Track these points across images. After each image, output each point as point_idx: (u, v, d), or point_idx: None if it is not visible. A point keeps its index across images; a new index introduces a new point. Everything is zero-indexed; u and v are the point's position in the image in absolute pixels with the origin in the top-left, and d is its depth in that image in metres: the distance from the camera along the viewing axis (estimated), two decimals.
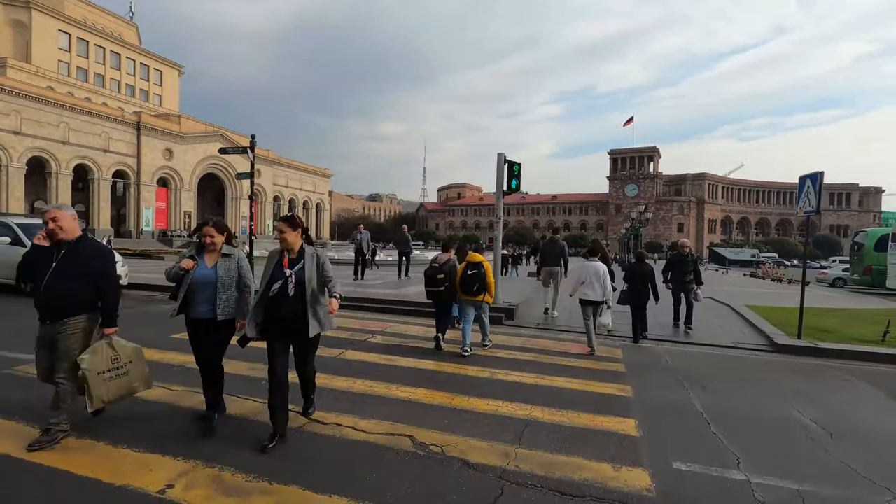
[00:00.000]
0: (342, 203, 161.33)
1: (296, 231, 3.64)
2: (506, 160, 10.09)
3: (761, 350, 8.05)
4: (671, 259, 9.93)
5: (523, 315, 10.29)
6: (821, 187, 8.07)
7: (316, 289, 3.61)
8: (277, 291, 3.50)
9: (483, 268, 6.68)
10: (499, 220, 10.46)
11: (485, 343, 7.07)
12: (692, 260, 9.59)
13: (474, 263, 6.71)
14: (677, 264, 9.57)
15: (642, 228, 35.57)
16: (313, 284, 3.58)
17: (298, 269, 3.57)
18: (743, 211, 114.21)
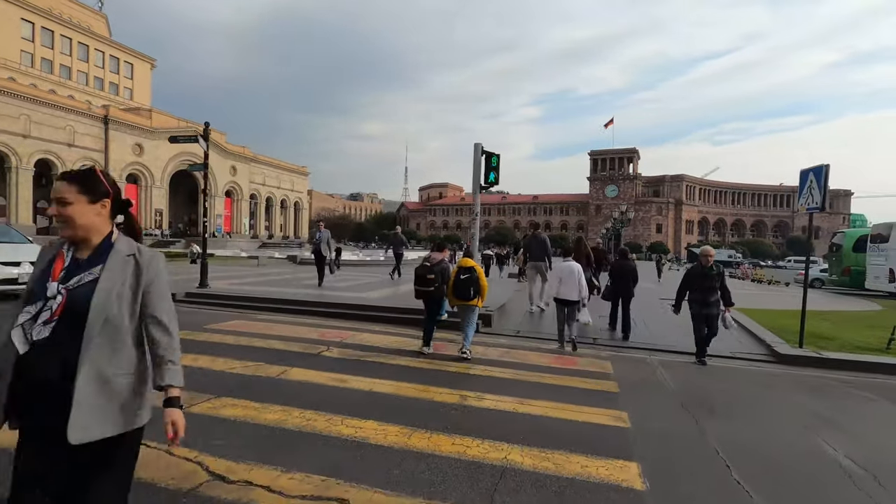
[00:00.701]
0: (322, 202, 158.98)
1: (95, 202, 1.72)
2: (483, 151, 9.19)
3: (762, 360, 7.31)
4: (691, 273, 7.24)
5: (502, 321, 9.40)
6: (826, 181, 7.36)
7: (121, 332, 1.68)
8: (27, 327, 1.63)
9: (476, 272, 6.64)
10: (476, 216, 9.55)
11: (463, 352, 6.54)
12: (718, 273, 7.04)
13: (467, 268, 6.65)
14: (700, 279, 7.04)
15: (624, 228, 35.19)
16: (115, 321, 1.66)
17: (81, 282, 1.66)
18: (719, 212, 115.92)
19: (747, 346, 8.01)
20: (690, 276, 7.23)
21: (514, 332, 8.66)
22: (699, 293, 7.01)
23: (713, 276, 7.00)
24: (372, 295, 11.47)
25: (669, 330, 9.19)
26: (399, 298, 11.13)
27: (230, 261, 32.32)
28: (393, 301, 10.57)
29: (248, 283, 13.92)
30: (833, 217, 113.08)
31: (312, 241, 13.59)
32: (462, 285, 6.55)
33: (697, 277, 7.10)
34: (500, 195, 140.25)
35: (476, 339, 7.71)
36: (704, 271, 7.04)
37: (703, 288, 7.00)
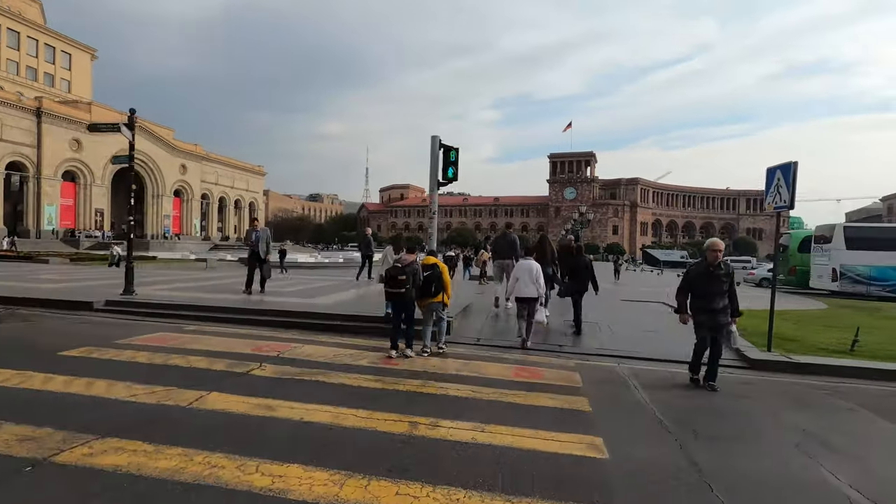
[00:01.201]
0: (279, 203, 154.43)
1: None
2: (441, 145, 8.51)
3: (734, 366, 6.95)
4: (693, 273, 5.81)
5: (462, 328, 8.73)
6: (794, 179, 7.10)
7: None
8: None
9: (438, 268, 6.78)
10: (433, 214, 8.85)
11: (440, 346, 6.96)
12: (727, 273, 5.61)
13: (429, 265, 6.79)
14: (704, 280, 5.64)
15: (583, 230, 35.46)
16: None
17: None
18: (671, 214, 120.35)
19: None
20: (692, 277, 5.76)
21: (474, 339, 8.00)
22: (703, 298, 5.62)
23: (721, 277, 5.55)
24: (322, 301, 10.55)
25: (636, 334, 8.79)
26: (353, 304, 10.27)
27: (175, 264, 30.28)
28: (346, 307, 9.71)
29: (186, 288, 12.66)
30: (773, 219, 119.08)
31: (247, 242, 11.73)
32: (425, 282, 6.64)
33: (701, 278, 5.66)
34: (462, 197, 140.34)
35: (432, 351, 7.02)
36: (710, 271, 5.60)
37: (708, 292, 5.58)
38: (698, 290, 5.69)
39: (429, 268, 6.73)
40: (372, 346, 7.12)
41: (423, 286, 6.61)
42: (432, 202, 8.78)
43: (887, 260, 22.30)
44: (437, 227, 8.85)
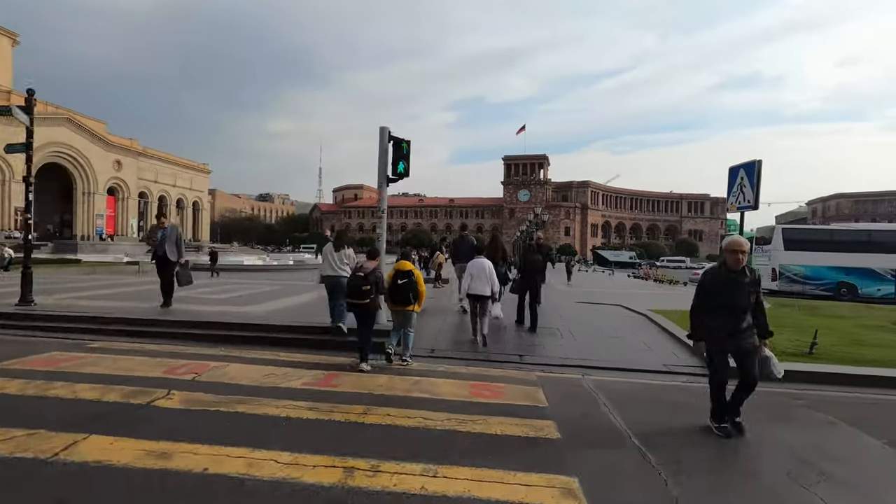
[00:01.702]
0: (227, 203, 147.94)
1: None
2: (391, 137, 7.74)
3: (702, 375, 6.58)
4: (710, 281, 4.30)
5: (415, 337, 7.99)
6: (759, 178, 6.86)
7: None
8: None
9: (414, 275, 6.40)
10: (382, 213, 8.05)
11: (403, 359, 6.49)
12: (753, 281, 4.22)
13: (404, 272, 6.39)
14: (724, 290, 4.18)
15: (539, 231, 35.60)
16: None
17: None
18: (620, 217, 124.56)
19: (681, 358, 7.32)
20: (708, 286, 4.29)
21: (427, 350, 7.27)
22: (723, 315, 4.16)
23: (745, 287, 4.13)
24: (259, 309, 9.50)
25: (598, 340, 8.33)
26: (295, 312, 9.30)
27: (103, 268, 27.73)
28: (285, 316, 8.74)
29: (105, 296, 11.20)
30: (713, 221, 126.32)
31: (150, 242, 10.06)
32: (400, 291, 6.31)
33: (721, 289, 4.17)
34: (417, 198, 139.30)
35: (379, 366, 6.24)
36: (732, 278, 4.14)
37: (730, 307, 4.14)
38: (716, 304, 4.19)
39: (404, 275, 6.35)
40: (311, 363, 6.25)
41: (398, 294, 6.33)
42: (381, 200, 7.97)
43: (821, 260, 23.46)
44: (386, 226, 8.04)
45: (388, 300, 6.45)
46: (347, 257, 7.54)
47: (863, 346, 8.65)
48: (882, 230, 24.58)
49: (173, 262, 9.10)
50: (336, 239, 7.80)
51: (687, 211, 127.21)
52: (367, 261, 6.48)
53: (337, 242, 7.68)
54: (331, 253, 7.56)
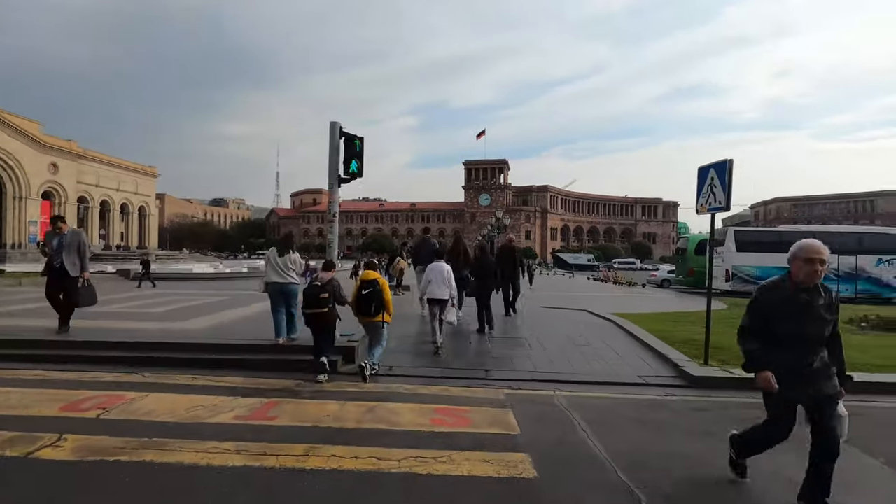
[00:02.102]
0: (178, 208, 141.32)
1: None
2: (343, 132, 7.03)
3: (675, 385, 6.22)
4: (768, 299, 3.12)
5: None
6: (730, 178, 6.58)
7: None
8: None
9: (379, 285, 6.29)
10: (334, 217, 7.32)
11: (373, 366, 6.17)
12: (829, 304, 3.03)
13: (369, 281, 6.28)
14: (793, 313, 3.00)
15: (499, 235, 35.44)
16: None
17: None
18: (578, 220, 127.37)
19: (654, 367, 6.95)
20: (767, 308, 3.12)
21: (386, 367, 6.58)
22: (790, 347, 3.02)
23: (821, 311, 3.00)
24: (196, 324, 8.52)
25: (568, 349, 7.84)
26: (238, 327, 8.38)
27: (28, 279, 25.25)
28: (226, 332, 7.83)
29: (19, 313, 9.86)
30: (665, 224, 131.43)
31: (44, 252, 7.81)
32: (364, 301, 6.20)
33: (787, 311, 3.02)
34: (378, 202, 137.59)
35: (331, 389, 5.52)
36: (803, 298, 3.01)
37: (797, 337, 3.02)
38: (780, 331, 3.04)
39: (369, 284, 6.23)
40: (250, 388, 5.44)
41: (362, 304, 6.22)
42: (332, 202, 7.23)
43: (770, 261, 24.24)
44: (338, 232, 7.31)
45: (355, 311, 6.30)
46: (293, 262, 7.03)
47: None
48: (823, 232, 25.73)
49: (73, 276, 7.42)
50: (280, 243, 7.40)
51: (641, 214, 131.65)
52: (323, 271, 6.31)
53: (281, 246, 7.16)
54: (274, 258, 6.96)
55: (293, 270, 6.98)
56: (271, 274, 6.93)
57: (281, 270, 6.88)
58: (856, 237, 24.90)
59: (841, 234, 25.91)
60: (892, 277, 23.75)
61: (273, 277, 6.91)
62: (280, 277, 6.87)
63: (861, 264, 23.64)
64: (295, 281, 6.99)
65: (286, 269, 6.91)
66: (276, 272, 6.89)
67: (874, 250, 23.82)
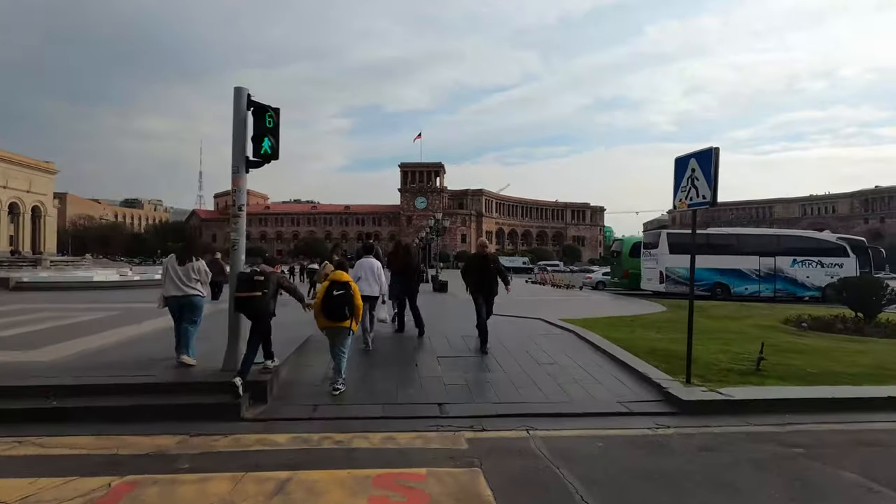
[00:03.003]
0: (83, 209, 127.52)
1: None
2: (252, 102, 5.43)
3: (665, 413, 5.22)
4: None
5: (292, 386, 5.70)
6: (716, 168, 5.73)
7: None
8: None
9: (351, 288, 5.65)
10: (240, 211, 5.67)
11: (336, 387, 5.52)
12: None
13: (341, 283, 5.63)
14: None
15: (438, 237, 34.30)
16: None
17: None
18: (512, 224, 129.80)
19: (632, 389, 5.93)
20: None
21: (310, 407, 5.04)
22: None
23: None
24: (50, 354, 6.39)
25: (533, 370, 6.59)
26: (117, 354, 6.43)
27: None
28: (92, 364, 5.88)
29: None
30: (593, 228, 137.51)
31: None
32: (335, 303, 5.53)
33: None
34: (310, 204, 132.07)
35: (227, 447, 3.94)
36: None
37: None
38: None
39: (341, 286, 5.62)
40: (102, 457, 3.72)
41: (332, 307, 5.59)
42: (238, 192, 5.55)
43: (699, 262, 25.00)
44: (244, 229, 5.65)
45: (321, 315, 5.63)
46: (197, 272, 6.06)
47: (789, 355, 8.17)
48: (746, 234, 27.03)
49: None
50: (182, 248, 6.36)
51: (571, 219, 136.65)
52: (264, 267, 5.72)
53: (182, 253, 6.12)
54: (173, 267, 5.94)
55: (197, 281, 6.02)
56: (169, 286, 5.92)
57: (181, 282, 5.89)
58: (774, 239, 26.29)
59: (760, 237, 27.31)
60: (805, 277, 25.19)
61: (171, 290, 5.91)
62: (179, 290, 5.88)
63: (779, 265, 24.94)
64: (199, 293, 6.04)
65: (188, 281, 5.93)
66: (175, 284, 5.89)
67: (790, 252, 25.19)
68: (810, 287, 24.78)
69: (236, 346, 5.34)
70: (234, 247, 5.34)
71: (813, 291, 24.70)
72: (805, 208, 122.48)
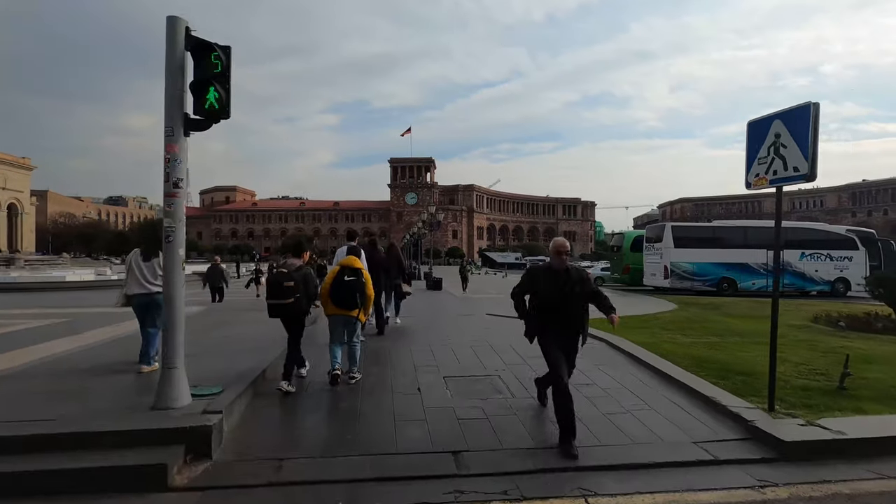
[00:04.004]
0: (64, 206, 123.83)
1: None
2: (191, 36, 3.92)
3: (760, 460, 3.83)
4: None
5: (250, 431, 4.22)
6: (816, 131, 4.33)
7: None
8: None
9: (363, 276, 5.46)
10: (176, 189, 4.13)
11: (352, 375, 5.47)
12: None
13: (353, 269, 5.44)
14: None
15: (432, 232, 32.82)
16: None
17: None
18: (503, 219, 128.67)
19: (701, 420, 4.53)
20: None
21: (272, 465, 3.57)
22: None
23: None
24: None
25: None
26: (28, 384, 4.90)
27: None
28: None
29: None
30: (584, 223, 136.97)
31: None
32: (346, 290, 5.29)
33: None
34: (299, 201, 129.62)
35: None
36: None
37: None
38: None
39: (353, 272, 5.41)
40: None
41: (342, 294, 5.32)
42: (173, 162, 4.02)
43: (705, 256, 23.84)
44: (184, 215, 4.12)
45: (329, 302, 5.41)
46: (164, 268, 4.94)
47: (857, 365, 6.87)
48: (755, 227, 25.88)
49: None
50: (148, 242, 5.78)
51: (562, 214, 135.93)
52: (291, 258, 5.42)
53: (148, 247, 5.70)
54: (137, 262, 5.63)
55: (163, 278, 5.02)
56: (132, 284, 5.58)
57: (145, 280, 5.56)
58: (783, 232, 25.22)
59: (768, 229, 26.22)
60: (813, 271, 24.18)
61: (135, 288, 5.57)
62: (143, 288, 5.55)
63: (787, 259, 23.87)
64: None
65: (153, 277, 5.54)
66: (139, 282, 5.56)
67: (798, 245, 24.13)
68: (819, 281, 23.77)
69: (172, 376, 3.85)
70: (167, 239, 3.82)
71: (822, 286, 23.69)
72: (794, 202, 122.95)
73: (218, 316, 10.84)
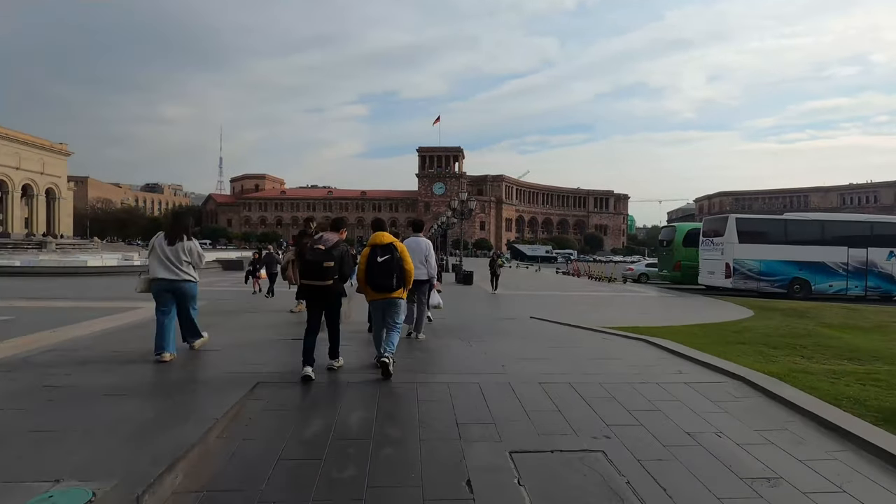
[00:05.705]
0: (102, 192, 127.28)
1: None
2: None
3: None
4: None
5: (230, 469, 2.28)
6: None
7: None
8: None
9: (398, 250, 4.99)
10: None
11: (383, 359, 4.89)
12: None
13: (385, 245, 4.96)
14: None
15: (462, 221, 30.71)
16: None
17: None
18: (532, 211, 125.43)
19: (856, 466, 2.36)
20: None
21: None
22: None
23: None
24: None
25: (732, 495, 3.07)
26: None
27: None
28: None
29: None
30: (616, 216, 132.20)
31: None
32: (381, 271, 4.87)
33: None
34: (327, 190, 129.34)
35: None
36: None
37: None
38: None
39: (385, 249, 4.92)
40: None
41: (378, 276, 4.89)
42: None
43: (775, 253, 21.02)
44: None
45: (365, 287, 5.00)
46: (188, 252, 5.49)
47: None
48: (834, 220, 22.84)
49: None
50: (173, 226, 5.52)
51: (594, 206, 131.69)
52: (328, 233, 4.99)
53: (173, 231, 5.46)
54: (161, 246, 5.36)
55: (188, 263, 5.50)
56: (157, 268, 5.36)
57: (171, 264, 5.37)
58: (867, 226, 22.05)
59: (850, 224, 23.10)
60: None
61: (160, 272, 5.35)
62: (169, 273, 5.36)
63: (872, 258, 20.83)
64: (191, 278, 5.52)
65: (178, 263, 5.40)
66: (164, 265, 5.36)
67: (884, 241, 21.05)
68: None
69: None
70: None
71: None
72: (844, 197, 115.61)
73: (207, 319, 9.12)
